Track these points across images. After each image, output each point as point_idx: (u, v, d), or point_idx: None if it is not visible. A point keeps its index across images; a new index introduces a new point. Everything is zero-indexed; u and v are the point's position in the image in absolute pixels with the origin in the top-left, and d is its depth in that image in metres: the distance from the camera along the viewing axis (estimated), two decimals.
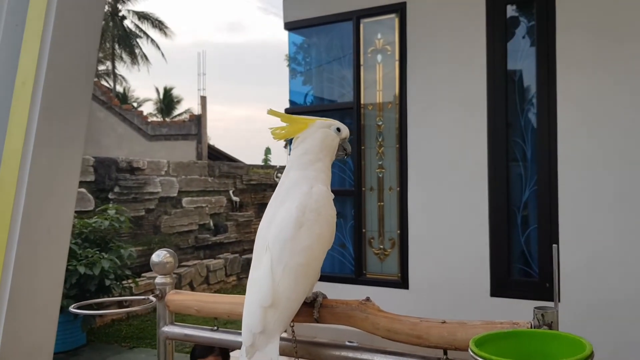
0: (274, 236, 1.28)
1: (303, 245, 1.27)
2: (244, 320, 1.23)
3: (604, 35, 3.80)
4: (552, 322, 0.95)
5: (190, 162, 10.43)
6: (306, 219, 1.28)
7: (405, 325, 1.17)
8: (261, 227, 1.34)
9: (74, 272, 5.55)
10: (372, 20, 4.72)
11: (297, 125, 1.38)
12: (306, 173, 1.35)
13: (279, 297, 1.22)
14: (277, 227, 1.29)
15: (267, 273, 1.23)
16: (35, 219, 1.55)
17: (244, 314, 1.25)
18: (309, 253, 1.28)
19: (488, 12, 4.18)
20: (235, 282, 9.88)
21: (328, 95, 5.16)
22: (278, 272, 1.23)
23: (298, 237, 1.26)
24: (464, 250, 4.23)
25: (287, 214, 1.29)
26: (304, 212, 1.29)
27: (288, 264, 1.24)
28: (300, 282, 1.26)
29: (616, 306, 3.70)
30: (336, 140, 1.40)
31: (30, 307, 1.56)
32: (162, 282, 1.63)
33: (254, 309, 1.22)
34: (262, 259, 1.27)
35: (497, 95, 4.15)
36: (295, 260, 1.25)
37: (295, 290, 1.25)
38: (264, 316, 1.20)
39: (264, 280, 1.23)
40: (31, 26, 1.58)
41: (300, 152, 1.38)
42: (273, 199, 1.37)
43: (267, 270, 1.23)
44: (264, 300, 1.21)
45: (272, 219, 1.32)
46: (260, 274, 1.25)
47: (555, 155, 3.92)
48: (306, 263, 1.28)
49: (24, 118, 1.57)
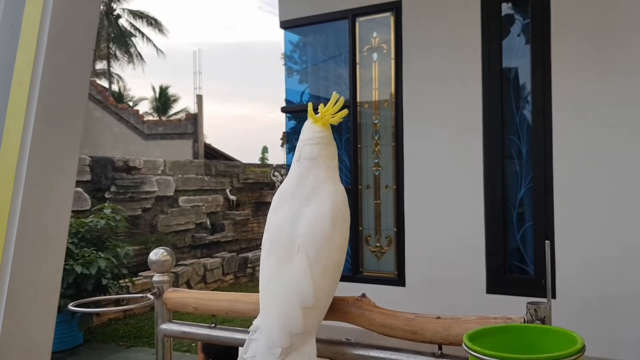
0: (307, 235, 1.25)
1: (338, 244, 1.27)
2: (276, 321, 1.19)
3: (598, 34, 3.82)
4: (545, 317, 0.96)
5: (187, 161, 10.42)
6: (338, 217, 1.28)
7: (400, 321, 1.19)
8: (280, 222, 1.29)
9: (70, 271, 5.54)
10: (368, 18, 4.74)
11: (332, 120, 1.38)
12: (334, 175, 1.35)
13: (318, 296, 1.21)
14: (311, 226, 1.25)
15: (306, 273, 1.20)
16: (33, 218, 1.56)
17: (272, 315, 1.21)
18: (342, 251, 1.29)
19: (483, 10, 4.20)
20: (232, 280, 9.89)
21: (324, 94, 5.17)
22: (318, 271, 1.22)
23: (333, 236, 1.26)
24: (460, 248, 4.26)
25: (321, 213, 1.27)
26: (336, 210, 1.28)
27: (327, 263, 1.23)
28: (336, 279, 1.27)
29: (611, 302, 3.73)
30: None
31: (28, 307, 1.56)
32: (159, 280, 1.64)
33: (292, 310, 1.18)
34: (293, 258, 1.23)
35: (493, 93, 4.17)
36: (333, 258, 1.25)
37: (332, 288, 1.26)
38: (304, 316, 1.18)
39: (303, 280, 1.20)
40: (27, 25, 1.58)
41: (327, 154, 1.35)
42: (291, 195, 1.32)
43: (305, 270, 1.21)
44: (307, 301, 1.19)
45: (298, 216, 1.28)
46: (296, 273, 1.21)
47: (550, 153, 3.94)
48: (340, 261, 1.28)
49: (20, 117, 1.57)
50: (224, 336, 1.50)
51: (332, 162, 1.35)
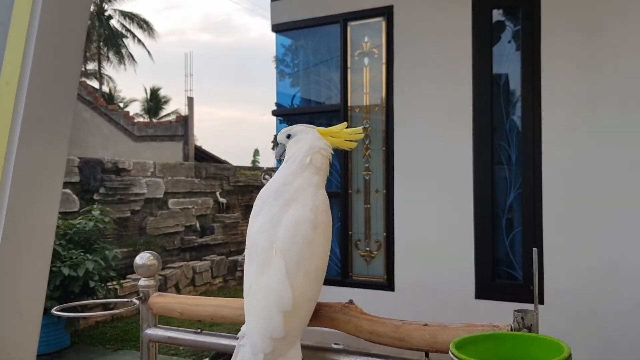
0: (287, 238, 1.24)
1: (320, 247, 1.27)
2: (258, 326, 1.18)
3: (588, 40, 3.85)
4: (532, 325, 0.96)
5: (177, 164, 10.38)
6: (319, 221, 1.28)
7: (388, 328, 1.18)
8: (260, 227, 1.29)
9: (57, 273, 5.50)
10: (360, 23, 4.74)
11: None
12: (314, 179, 1.34)
13: (300, 301, 1.20)
14: (290, 229, 1.25)
15: (283, 276, 1.19)
16: (19, 219, 1.54)
17: (254, 320, 1.20)
18: (325, 255, 1.29)
19: (474, 17, 4.22)
20: (221, 284, 9.85)
21: (315, 98, 5.17)
22: (299, 276, 1.21)
23: (315, 239, 1.25)
24: (449, 253, 4.26)
25: (301, 217, 1.26)
26: (317, 214, 1.28)
27: (309, 268, 1.23)
28: (319, 284, 1.27)
29: (599, 309, 3.75)
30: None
31: (13, 308, 1.54)
32: (145, 284, 1.62)
33: (272, 314, 1.17)
34: (271, 262, 1.23)
35: (483, 98, 4.19)
36: (315, 263, 1.24)
37: (315, 292, 1.25)
38: (286, 321, 1.17)
39: (281, 285, 1.19)
40: (16, 25, 1.57)
41: (327, 168, 1.39)
42: (271, 198, 1.32)
43: (282, 274, 1.20)
44: (285, 305, 1.17)
45: (277, 219, 1.27)
46: (274, 278, 1.20)
47: (539, 159, 3.96)
48: (322, 266, 1.28)
49: (7, 118, 1.55)
50: (210, 342, 1.49)
51: (325, 176, 1.39)
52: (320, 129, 1.43)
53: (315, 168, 1.35)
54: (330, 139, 1.41)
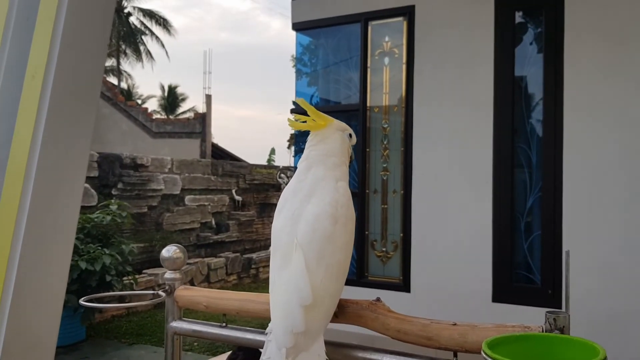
0: (307, 233, 1.24)
1: (341, 241, 1.26)
2: (280, 321, 1.19)
3: (612, 43, 3.79)
4: (564, 327, 0.95)
5: (194, 161, 10.42)
6: (340, 215, 1.27)
7: (415, 327, 1.17)
8: (282, 223, 1.29)
9: (75, 267, 5.54)
10: (380, 22, 4.73)
11: (319, 122, 1.36)
12: (334, 173, 1.33)
13: (321, 295, 1.19)
14: (310, 223, 1.24)
15: (302, 271, 1.19)
16: (42, 213, 1.55)
17: (277, 315, 1.20)
18: (347, 249, 1.28)
19: (496, 18, 4.18)
20: (235, 281, 9.88)
21: (334, 97, 5.16)
22: (320, 270, 1.21)
23: (335, 233, 1.24)
24: (466, 255, 4.23)
25: (320, 210, 1.25)
26: (337, 208, 1.27)
27: (330, 262, 1.22)
28: (341, 278, 1.26)
29: (619, 313, 3.70)
30: (347, 146, 1.40)
31: (35, 301, 1.55)
32: (171, 277, 1.63)
33: (293, 309, 1.17)
34: (292, 257, 1.22)
35: (504, 100, 4.15)
36: (336, 257, 1.24)
37: (337, 287, 1.24)
38: (306, 316, 1.17)
39: (300, 279, 1.19)
40: (42, 20, 1.58)
41: (322, 152, 1.35)
42: (291, 195, 1.32)
43: (302, 268, 1.19)
44: (305, 299, 1.17)
45: (298, 214, 1.27)
46: (294, 272, 1.20)
47: (560, 163, 3.92)
48: (344, 259, 1.27)
49: (33, 111, 1.57)
50: (235, 336, 1.49)
51: (328, 160, 1.34)
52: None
53: (307, 161, 1.35)
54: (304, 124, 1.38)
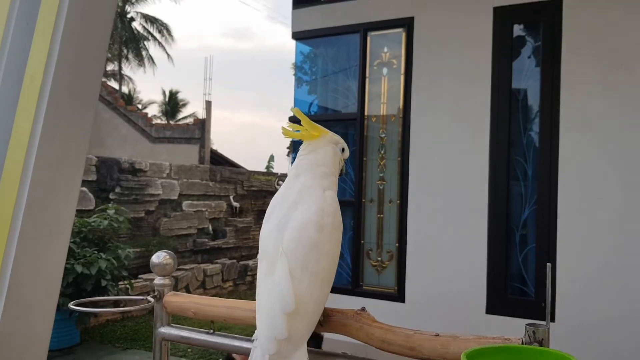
0: (292, 240, 1.24)
1: (326, 249, 1.26)
2: (264, 328, 1.19)
3: (609, 58, 3.82)
4: (543, 339, 0.96)
5: (192, 166, 10.44)
6: (326, 223, 1.27)
7: (399, 337, 1.18)
8: (269, 230, 1.30)
9: (71, 270, 5.54)
10: (380, 33, 4.76)
11: (312, 132, 1.37)
12: (321, 182, 1.34)
13: (305, 303, 1.20)
14: (296, 231, 1.25)
15: (286, 278, 1.20)
16: (37, 214, 1.56)
17: (261, 322, 1.21)
18: (332, 257, 1.28)
19: (495, 31, 4.21)
20: (231, 287, 9.86)
21: (332, 106, 5.19)
22: (304, 278, 1.21)
23: (321, 241, 1.25)
24: (461, 267, 4.24)
25: (306, 218, 1.26)
26: (323, 216, 1.27)
27: (315, 270, 1.22)
28: (325, 287, 1.26)
29: (611, 326, 3.70)
30: (338, 159, 1.41)
31: (28, 303, 1.56)
32: (160, 283, 1.63)
33: (276, 316, 1.18)
34: (277, 264, 1.23)
35: (501, 113, 4.17)
36: (321, 265, 1.24)
37: (321, 295, 1.24)
38: (289, 323, 1.17)
39: (284, 286, 1.19)
40: (42, 24, 1.59)
41: (312, 162, 1.36)
42: (279, 202, 1.33)
43: (286, 276, 1.20)
44: (287, 306, 1.18)
45: (284, 222, 1.28)
46: (278, 279, 1.21)
47: (555, 176, 3.94)
48: (329, 267, 1.27)
49: (30, 113, 1.58)
50: (222, 342, 1.50)
51: (317, 169, 1.35)
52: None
53: (296, 170, 1.36)
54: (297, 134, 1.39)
